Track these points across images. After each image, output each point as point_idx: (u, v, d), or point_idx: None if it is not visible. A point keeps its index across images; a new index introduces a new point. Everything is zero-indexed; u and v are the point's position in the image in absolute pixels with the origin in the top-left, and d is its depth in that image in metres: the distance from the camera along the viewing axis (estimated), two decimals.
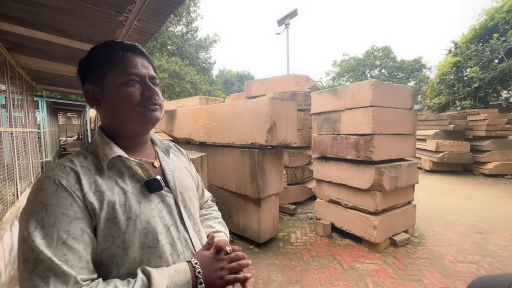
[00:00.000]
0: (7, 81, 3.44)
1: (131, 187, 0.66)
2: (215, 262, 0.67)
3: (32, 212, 0.55)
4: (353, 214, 3.28)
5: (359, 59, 22.31)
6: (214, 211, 1.01)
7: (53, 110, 11.19)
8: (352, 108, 3.18)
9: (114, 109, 0.68)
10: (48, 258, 0.52)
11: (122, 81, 0.66)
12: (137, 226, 0.63)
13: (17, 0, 2.00)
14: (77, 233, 0.56)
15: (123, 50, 0.69)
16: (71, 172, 0.61)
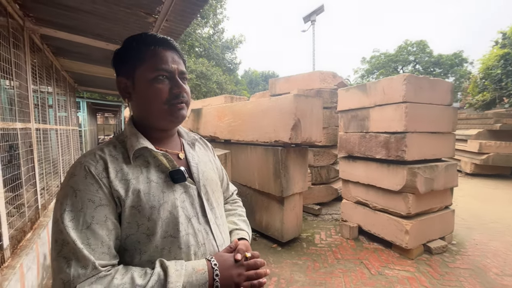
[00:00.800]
0: (53, 84, 3.78)
1: (156, 176, 0.67)
2: (233, 267, 0.66)
3: (64, 195, 0.59)
4: (383, 217, 3.09)
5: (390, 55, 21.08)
6: (238, 207, 1.00)
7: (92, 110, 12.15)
8: (382, 105, 3.00)
9: (143, 103, 0.70)
10: (73, 241, 0.54)
11: (152, 77, 0.67)
12: (160, 215, 0.64)
13: (59, 7, 2.19)
14: (101, 219, 0.58)
15: (155, 44, 0.68)
16: (100, 160, 0.63)
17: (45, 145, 3.15)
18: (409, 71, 20.40)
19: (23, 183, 2.28)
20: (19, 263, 1.85)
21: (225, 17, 18.98)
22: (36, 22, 2.54)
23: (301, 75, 4.98)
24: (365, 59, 22.80)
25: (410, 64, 20.91)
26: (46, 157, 3.19)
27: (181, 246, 0.65)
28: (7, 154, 2.13)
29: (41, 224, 2.55)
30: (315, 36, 11.61)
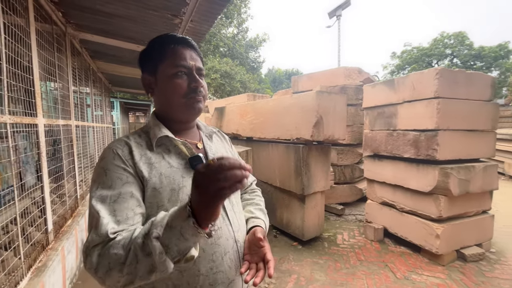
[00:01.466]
0: (90, 84, 4.11)
1: (176, 162, 0.73)
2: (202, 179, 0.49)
3: (97, 175, 0.66)
4: (411, 219, 2.93)
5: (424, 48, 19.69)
6: (256, 196, 1.02)
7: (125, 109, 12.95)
8: (411, 101, 2.84)
9: (165, 97, 0.76)
10: (97, 212, 0.59)
11: (172, 73, 0.72)
12: (179, 197, 0.68)
13: (97, 13, 2.38)
14: (128, 194, 0.64)
15: (175, 43, 0.75)
16: (125, 146, 0.71)
17: (83, 141, 3.44)
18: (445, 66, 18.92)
19: (65, 174, 2.52)
20: (61, 246, 2.06)
21: (249, 16, 19.10)
22: (76, 27, 2.78)
23: (325, 72, 4.87)
24: (396, 54, 21.56)
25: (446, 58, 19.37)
26: (84, 152, 3.48)
27: None
28: (51, 148, 2.37)
29: (79, 212, 2.80)
30: (340, 31, 11.21)
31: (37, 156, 2.01)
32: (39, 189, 1.99)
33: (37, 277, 1.63)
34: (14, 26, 1.61)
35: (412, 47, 20.59)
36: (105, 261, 0.55)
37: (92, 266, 0.56)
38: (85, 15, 2.46)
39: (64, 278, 2.11)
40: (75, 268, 2.43)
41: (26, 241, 1.69)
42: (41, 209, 1.95)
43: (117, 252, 0.54)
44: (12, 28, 1.59)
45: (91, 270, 0.57)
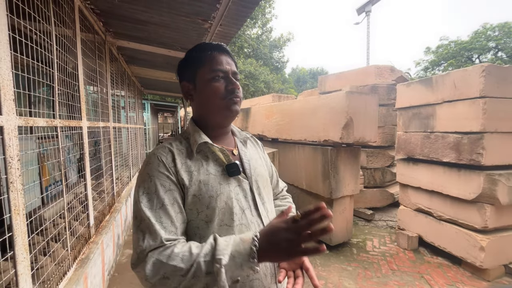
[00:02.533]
0: (125, 88, 4.37)
1: (214, 169, 0.74)
2: (281, 233, 0.55)
3: (142, 180, 0.70)
4: (450, 228, 2.72)
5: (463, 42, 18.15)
6: (288, 203, 1.01)
7: (154, 110, 13.59)
8: (452, 101, 2.63)
9: (203, 102, 0.79)
10: (148, 218, 0.64)
11: (210, 77, 0.75)
12: (217, 204, 0.70)
13: (134, 21, 2.52)
14: (170, 201, 0.67)
15: (211, 50, 0.79)
16: (169, 153, 0.73)
17: (119, 141, 3.66)
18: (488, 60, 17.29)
19: (104, 173, 2.70)
20: (101, 240, 2.21)
21: (273, 16, 19.05)
22: (114, 35, 2.97)
23: (354, 71, 4.69)
24: (430, 49, 20.14)
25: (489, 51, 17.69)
26: (119, 152, 3.71)
27: (235, 234, 0.69)
28: (93, 149, 2.55)
29: (116, 208, 2.99)
30: (370, 28, 10.72)
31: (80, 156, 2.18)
32: (83, 187, 2.16)
33: (81, 268, 1.77)
34: (63, 37, 1.76)
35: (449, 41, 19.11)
36: (161, 270, 0.58)
37: (145, 271, 0.59)
38: (123, 23, 2.61)
39: (103, 270, 2.26)
40: (112, 261, 2.60)
41: (72, 234, 1.84)
42: (84, 205, 2.11)
43: (176, 264, 0.58)
44: (62, 39, 1.73)
45: (142, 274, 0.60)
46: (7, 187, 1.09)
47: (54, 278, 1.49)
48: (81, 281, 1.70)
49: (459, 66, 17.64)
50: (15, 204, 1.12)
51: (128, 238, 3.41)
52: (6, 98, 1.08)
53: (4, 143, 1.07)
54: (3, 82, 1.07)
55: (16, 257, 1.12)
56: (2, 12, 1.08)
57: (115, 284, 2.40)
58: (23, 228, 1.16)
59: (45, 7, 1.52)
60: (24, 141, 1.76)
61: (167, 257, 0.59)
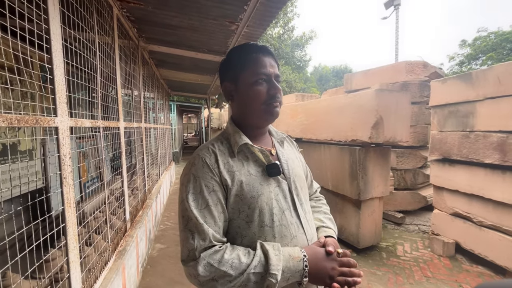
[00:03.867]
0: (155, 90, 4.59)
1: (254, 170, 0.75)
2: (326, 260, 0.68)
3: (188, 180, 0.72)
4: (492, 235, 2.51)
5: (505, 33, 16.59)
6: (323, 204, 1.01)
7: (180, 111, 14.08)
8: (495, 97, 2.43)
9: (245, 104, 0.78)
10: (195, 217, 0.67)
11: (253, 80, 0.75)
12: (258, 204, 0.71)
13: (165, 26, 2.64)
14: (214, 202, 0.69)
15: (255, 52, 0.77)
16: (212, 154, 0.75)
17: (149, 141, 3.86)
18: None
19: (137, 171, 2.87)
20: (135, 233, 2.34)
21: (295, 15, 18.84)
22: (146, 40, 3.13)
23: (382, 68, 4.50)
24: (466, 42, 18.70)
25: None
26: (149, 151, 3.90)
27: (275, 235, 0.71)
28: (128, 148, 2.72)
29: (147, 204, 3.15)
30: (399, 22, 10.18)
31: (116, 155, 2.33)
32: (119, 183, 2.31)
33: (120, 259, 1.89)
34: (104, 44, 1.90)
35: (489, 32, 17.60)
36: (211, 274, 0.63)
37: (197, 271, 0.63)
38: (154, 29, 2.75)
39: (138, 262, 2.40)
40: (144, 254, 2.75)
41: (111, 228, 1.97)
42: (121, 200, 2.26)
43: (226, 270, 0.62)
44: (103, 46, 1.87)
45: (193, 272, 0.64)
46: (60, 182, 1.20)
47: (97, 267, 1.61)
48: (120, 271, 1.83)
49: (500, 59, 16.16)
50: (67, 197, 1.23)
51: (158, 233, 3.58)
52: (60, 101, 1.19)
53: (59, 142, 1.18)
54: (58, 87, 1.18)
55: (68, 245, 1.23)
56: (57, 23, 1.19)
57: (148, 276, 2.53)
58: (73, 219, 1.27)
59: (90, 17, 1.65)
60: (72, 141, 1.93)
61: (218, 262, 0.63)
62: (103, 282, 1.60)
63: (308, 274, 0.65)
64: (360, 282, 0.67)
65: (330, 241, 0.75)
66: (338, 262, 0.68)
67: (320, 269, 0.66)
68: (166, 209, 4.67)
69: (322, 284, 0.67)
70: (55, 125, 1.15)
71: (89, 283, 1.44)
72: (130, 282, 2.12)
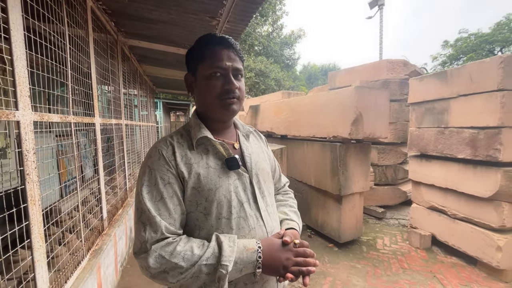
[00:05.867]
0: (138, 87, 4.48)
1: (213, 163, 0.75)
2: (281, 251, 0.68)
3: (143, 173, 0.72)
4: (465, 227, 2.62)
5: (484, 34, 17.27)
6: (290, 198, 1.01)
7: (167, 109, 13.85)
8: (468, 94, 2.53)
9: (201, 97, 0.78)
10: (148, 209, 0.66)
11: (208, 74, 0.73)
12: (216, 197, 0.71)
13: (144, 20, 2.57)
14: (169, 194, 0.69)
15: (213, 43, 0.75)
16: (169, 146, 0.74)
17: (131, 138, 3.77)
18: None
19: (116, 168, 2.80)
20: (113, 232, 2.29)
21: (284, 13, 18.87)
22: (126, 35, 3.05)
23: (365, 66, 4.58)
24: (448, 42, 19.32)
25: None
26: (131, 149, 3.82)
27: (233, 227, 0.71)
28: (106, 145, 2.64)
29: (128, 203, 3.09)
30: (383, 22, 10.40)
31: (94, 152, 2.26)
32: (96, 181, 2.24)
33: (95, 258, 1.85)
34: (76, 37, 1.83)
35: (469, 33, 18.26)
36: (162, 265, 0.62)
37: (147, 263, 0.63)
38: (133, 22, 2.68)
39: (116, 261, 2.35)
40: (125, 253, 2.69)
41: (86, 226, 1.92)
42: (98, 198, 2.20)
43: (178, 262, 0.62)
44: (75, 39, 1.80)
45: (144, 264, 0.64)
46: (23, 178, 1.16)
47: (69, 267, 1.56)
48: (95, 270, 1.78)
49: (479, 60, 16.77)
50: (31, 194, 1.18)
51: None
52: (22, 94, 1.14)
53: (20, 137, 1.13)
54: (19, 80, 1.13)
55: (33, 245, 1.18)
56: (18, 13, 1.14)
57: (127, 275, 2.49)
58: (39, 217, 1.23)
59: (58, 8, 1.58)
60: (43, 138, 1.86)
61: (170, 254, 0.62)
62: (75, 282, 1.55)
63: (262, 265, 0.65)
64: (314, 271, 0.68)
65: (289, 232, 0.76)
66: (293, 253, 0.69)
67: (275, 260, 0.67)
68: None
69: (276, 275, 0.67)
70: (16, 119, 1.10)
71: (58, 283, 1.39)
72: (107, 282, 2.07)
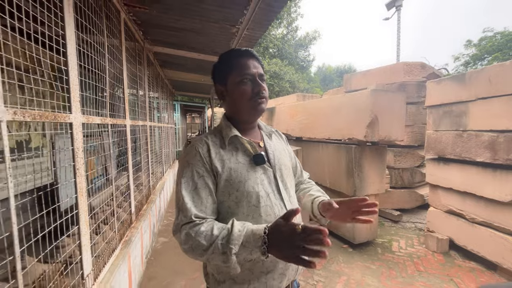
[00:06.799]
0: (159, 90, 4.73)
1: (242, 159, 0.87)
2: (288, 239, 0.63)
3: (182, 167, 0.85)
4: (484, 232, 2.59)
5: (511, 33, 16.46)
6: (313, 185, 1.12)
7: (183, 111, 14.26)
8: (487, 98, 2.51)
9: (234, 102, 0.89)
10: (183, 197, 0.78)
11: (238, 80, 0.86)
12: (245, 188, 0.83)
13: (169, 29, 2.76)
14: (202, 185, 0.81)
15: (239, 56, 0.89)
16: (205, 144, 0.87)
17: (153, 139, 3.99)
18: None
19: (142, 167, 3.00)
20: (140, 226, 2.47)
21: (299, 15, 18.91)
22: (151, 42, 3.27)
23: (381, 68, 4.58)
24: (471, 42, 18.53)
25: None
26: (154, 149, 4.04)
27: (262, 214, 0.82)
28: (134, 145, 2.85)
29: (152, 200, 3.28)
30: (400, 23, 10.21)
31: (118, 152, 2.46)
32: (125, 178, 2.44)
33: (126, 248, 2.02)
34: (112, 46, 2.03)
35: (495, 32, 17.42)
36: (190, 242, 0.74)
37: (180, 240, 0.76)
38: (159, 31, 2.88)
39: (142, 253, 2.53)
40: (149, 246, 2.88)
41: (117, 219, 2.11)
42: (127, 194, 2.39)
43: (200, 240, 0.73)
44: (111, 48, 2.00)
45: (178, 241, 0.78)
46: (74, 173, 1.33)
47: (105, 254, 1.74)
48: (126, 258, 1.95)
49: (506, 60, 15.97)
50: (80, 187, 1.36)
51: (162, 228, 3.71)
52: (74, 100, 1.32)
53: (72, 136, 1.31)
54: (73, 87, 1.31)
55: (80, 230, 1.36)
56: (72, 30, 1.32)
57: (152, 267, 2.66)
58: (85, 207, 1.40)
59: (99, 21, 1.78)
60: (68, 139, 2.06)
61: (195, 233, 0.74)
62: (110, 267, 1.72)
63: (270, 250, 0.66)
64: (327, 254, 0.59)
65: (298, 216, 0.84)
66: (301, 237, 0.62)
67: (279, 244, 0.65)
68: (169, 205, 4.81)
69: (288, 261, 0.64)
70: (70, 121, 1.28)
71: (98, 267, 1.57)
72: (135, 270, 2.25)
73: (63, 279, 1.38)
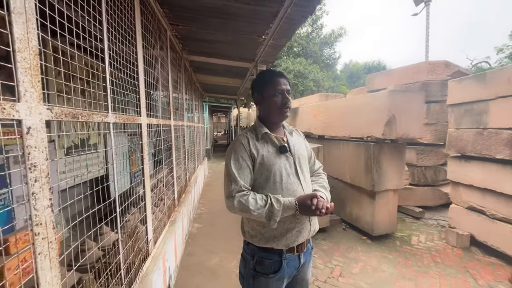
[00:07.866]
0: (192, 93, 5.23)
1: (271, 149, 1.21)
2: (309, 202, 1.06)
3: (230, 152, 1.20)
4: (505, 228, 2.65)
5: None
6: (320, 178, 1.42)
7: (211, 111, 14.96)
8: (507, 96, 2.57)
9: (267, 108, 1.25)
10: (233, 173, 1.14)
11: (272, 93, 1.19)
12: (272, 170, 1.16)
13: (203, 41, 3.19)
14: (244, 166, 1.16)
15: (274, 75, 1.24)
16: (245, 138, 1.23)
17: (187, 137, 4.48)
18: None
19: (181, 161, 3.47)
20: (181, 210, 2.92)
21: (324, 12, 18.71)
22: (188, 52, 3.73)
23: (404, 68, 4.62)
24: None
25: None
26: (188, 146, 4.53)
27: (283, 189, 1.15)
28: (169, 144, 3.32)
29: (188, 190, 3.76)
30: (429, 19, 9.78)
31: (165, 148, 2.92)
32: (169, 170, 2.90)
33: (172, 226, 2.47)
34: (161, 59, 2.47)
35: None
36: (241, 206, 1.09)
37: (233, 204, 1.10)
38: (196, 43, 3.32)
39: (183, 233, 2.98)
40: (186, 229, 3.34)
41: (164, 204, 2.56)
42: (171, 183, 2.85)
43: (249, 206, 1.07)
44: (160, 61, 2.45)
45: (231, 205, 1.12)
46: (142, 161, 1.77)
47: (159, 229, 2.18)
48: (172, 234, 2.39)
49: None
50: (146, 172, 1.79)
51: (196, 216, 4.18)
52: (142, 106, 1.75)
53: (142, 134, 1.74)
54: (142, 96, 1.74)
55: (146, 205, 1.79)
56: (140, 51, 1.75)
57: (189, 246, 3.11)
58: (148, 187, 1.84)
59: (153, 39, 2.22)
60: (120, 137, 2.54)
61: (245, 200, 1.08)
62: (163, 238, 2.16)
63: (299, 209, 1.08)
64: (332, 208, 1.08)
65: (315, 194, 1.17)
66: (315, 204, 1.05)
67: (303, 208, 1.08)
68: (201, 197, 5.30)
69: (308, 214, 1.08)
70: (140, 122, 1.71)
71: (156, 235, 2.00)
72: (178, 246, 2.70)
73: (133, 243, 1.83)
